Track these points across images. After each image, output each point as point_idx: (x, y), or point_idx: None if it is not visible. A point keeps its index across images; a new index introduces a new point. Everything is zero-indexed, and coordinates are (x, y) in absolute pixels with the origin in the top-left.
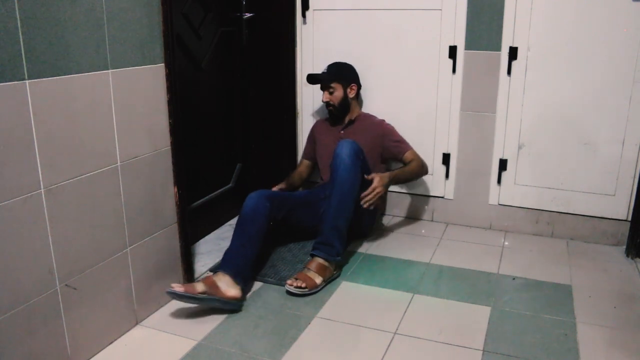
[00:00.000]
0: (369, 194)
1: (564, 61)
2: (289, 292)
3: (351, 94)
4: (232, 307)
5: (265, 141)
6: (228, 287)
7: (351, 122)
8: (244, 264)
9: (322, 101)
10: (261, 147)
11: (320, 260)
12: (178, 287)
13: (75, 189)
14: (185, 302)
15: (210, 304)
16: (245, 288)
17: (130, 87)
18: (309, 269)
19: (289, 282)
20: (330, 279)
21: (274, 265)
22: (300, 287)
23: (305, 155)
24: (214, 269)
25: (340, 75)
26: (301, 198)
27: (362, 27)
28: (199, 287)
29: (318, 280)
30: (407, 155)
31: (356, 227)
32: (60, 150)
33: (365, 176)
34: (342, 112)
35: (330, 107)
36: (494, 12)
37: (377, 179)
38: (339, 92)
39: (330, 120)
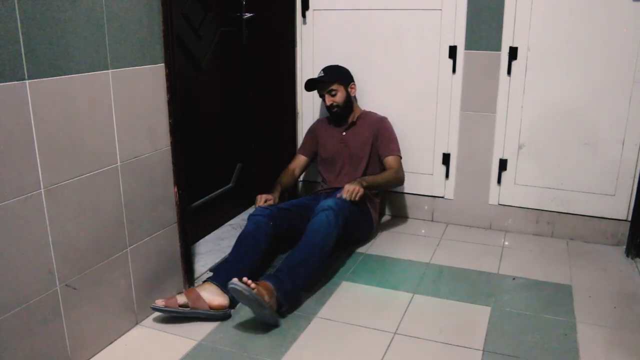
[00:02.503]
0: (347, 192)
1: (564, 61)
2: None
3: (353, 93)
4: (218, 317)
5: (265, 141)
6: (214, 296)
7: (353, 123)
8: (236, 275)
9: (326, 105)
10: (261, 147)
11: (269, 285)
12: (159, 302)
13: (75, 189)
14: (169, 314)
15: (193, 316)
16: (234, 299)
17: (130, 87)
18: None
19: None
20: (270, 315)
21: (274, 266)
22: (249, 286)
23: (302, 150)
24: (213, 270)
25: (340, 76)
26: (302, 208)
27: (362, 27)
28: (180, 299)
29: (266, 297)
30: (388, 160)
31: (356, 234)
32: (60, 150)
33: (337, 195)
34: (346, 113)
35: (335, 109)
36: (494, 12)
37: (346, 186)
38: (341, 93)
39: (333, 122)
